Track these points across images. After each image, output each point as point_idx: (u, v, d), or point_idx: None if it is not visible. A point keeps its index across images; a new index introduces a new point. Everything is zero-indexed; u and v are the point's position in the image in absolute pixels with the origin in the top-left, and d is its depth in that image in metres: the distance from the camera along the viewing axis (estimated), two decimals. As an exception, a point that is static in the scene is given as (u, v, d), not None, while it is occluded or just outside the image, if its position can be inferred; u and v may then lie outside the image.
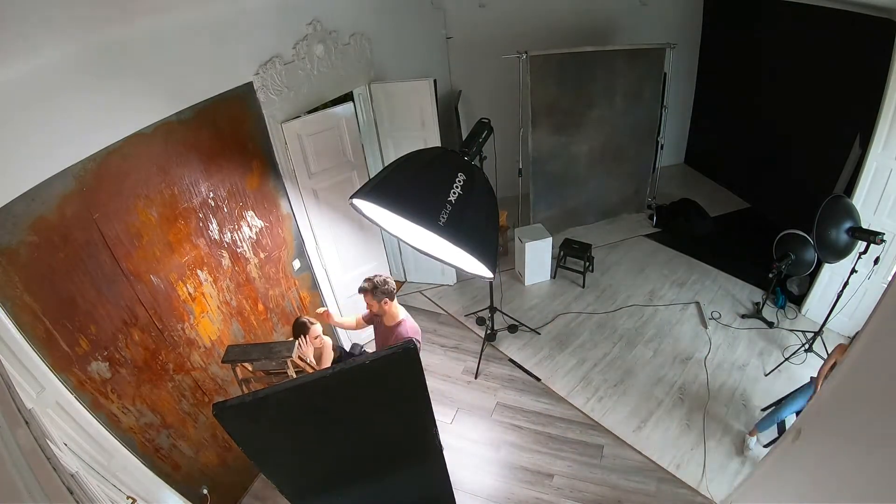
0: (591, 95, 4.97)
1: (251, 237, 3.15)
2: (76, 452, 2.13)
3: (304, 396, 1.56)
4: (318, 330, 2.93)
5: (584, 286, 4.94)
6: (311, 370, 2.65)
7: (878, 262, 3.39)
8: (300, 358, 2.59)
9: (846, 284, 3.54)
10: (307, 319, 2.92)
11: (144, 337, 2.50)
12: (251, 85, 2.94)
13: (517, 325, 4.48)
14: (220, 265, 2.94)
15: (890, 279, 3.46)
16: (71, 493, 1.16)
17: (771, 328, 4.27)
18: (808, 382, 3.07)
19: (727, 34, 5.79)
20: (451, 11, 5.09)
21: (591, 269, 5.06)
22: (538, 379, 4.00)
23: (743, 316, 4.42)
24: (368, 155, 4.02)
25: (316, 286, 3.85)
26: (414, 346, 1.58)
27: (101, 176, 2.21)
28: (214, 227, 2.86)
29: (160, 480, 2.61)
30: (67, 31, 1.86)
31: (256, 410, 1.51)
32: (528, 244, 4.77)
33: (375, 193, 1.48)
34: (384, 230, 1.79)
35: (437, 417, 1.80)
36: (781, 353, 4.01)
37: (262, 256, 3.26)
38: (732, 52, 5.74)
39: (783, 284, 4.48)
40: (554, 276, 5.11)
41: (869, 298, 3.72)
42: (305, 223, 3.59)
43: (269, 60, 2.98)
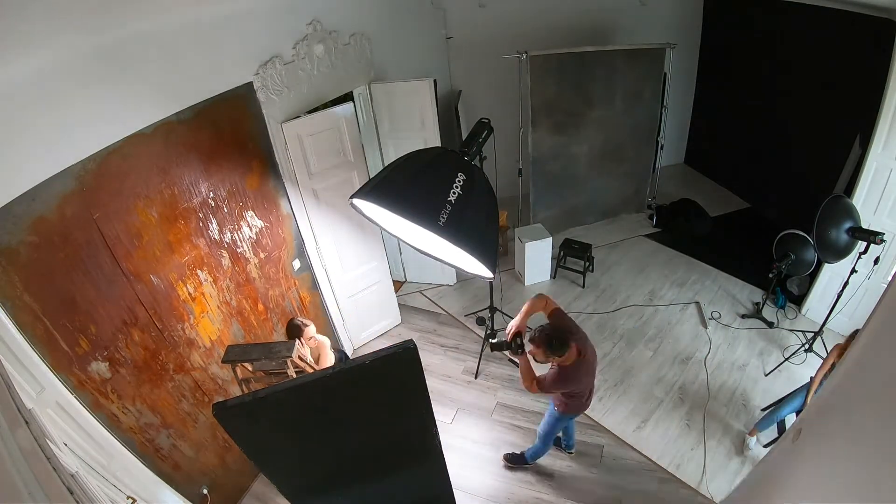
0: (590, 95, 4.97)
1: (251, 237, 3.15)
2: (76, 452, 2.13)
3: (304, 396, 1.55)
4: (311, 331, 2.93)
5: (584, 286, 4.94)
6: (310, 370, 2.65)
7: (878, 262, 3.40)
8: (300, 358, 2.59)
9: (846, 284, 3.55)
10: (301, 321, 2.92)
11: (144, 337, 2.50)
12: (251, 85, 2.94)
13: (517, 325, 4.48)
14: (220, 265, 2.94)
15: (890, 279, 3.46)
16: (71, 493, 1.16)
17: (771, 328, 4.27)
18: (808, 382, 3.07)
19: (727, 34, 5.78)
20: (451, 11, 5.09)
21: (591, 269, 5.06)
22: (538, 379, 4.00)
23: (743, 316, 4.42)
24: (368, 155, 4.02)
25: (316, 286, 3.85)
26: (414, 345, 1.58)
27: (101, 176, 2.21)
28: (214, 227, 2.86)
29: (160, 480, 2.61)
30: (67, 31, 1.86)
31: (256, 410, 1.51)
32: (528, 244, 4.77)
33: (375, 193, 1.48)
34: (384, 230, 1.79)
35: (437, 417, 1.80)
36: (781, 353, 4.01)
37: (262, 256, 3.26)
38: (732, 52, 5.74)
39: (783, 284, 4.48)
40: (554, 276, 5.11)
41: (869, 298, 3.72)
42: (305, 223, 3.59)
43: (269, 60, 2.98)
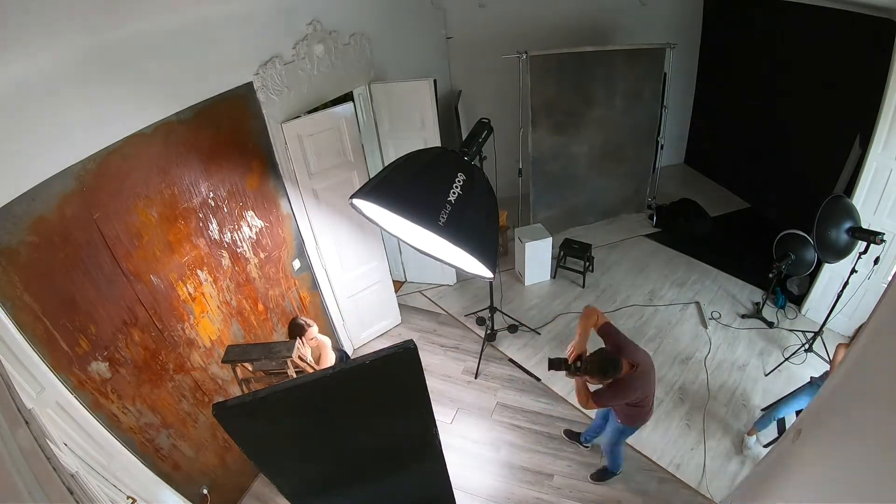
0: (590, 95, 4.97)
1: (251, 237, 3.14)
2: (76, 452, 2.13)
3: (304, 396, 1.55)
4: (314, 331, 2.93)
5: (584, 286, 4.94)
6: (311, 370, 2.65)
7: (878, 262, 3.40)
8: (300, 358, 2.59)
9: (846, 284, 3.55)
10: (304, 320, 2.92)
11: (144, 337, 2.50)
12: (251, 85, 2.94)
13: (517, 325, 4.48)
14: (220, 265, 2.93)
15: (890, 279, 3.46)
16: (71, 493, 1.16)
17: (771, 328, 4.27)
18: (808, 382, 3.07)
19: (727, 34, 5.78)
20: (451, 11, 5.09)
21: (591, 269, 5.06)
22: (538, 379, 4.00)
23: (743, 316, 4.42)
24: (368, 155, 4.02)
25: (316, 286, 3.85)
26: (414, 345, 1.58)
27: (101, 176, 2.21)
28: (214, 227, 2.86)
29: (160, 480, 2.61)
30: (67, 31, 1.86)
31: (256, 410, 1.51)
32: (528, 244, 4.77)
33: (375, 193, 1.48)
34: (384, 230, 1.79)
35: (437, 417, 1.80)
36: (781, 353, 4.01)
37: (262, 256, 3.26)
38: (732, 52, 5.74)
39: (783, 284, 4.48)
40: (554, 276, 5.11)
41: (869, 298, 3.72)
42: (305, 223, 3.59)
43: (269, 60, 2.98)
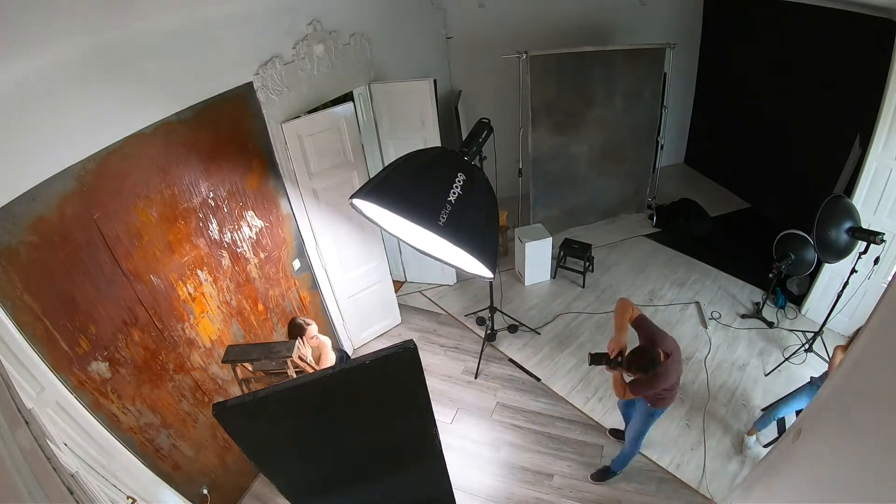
0: (590, 95, 4.97)
1: (251, 237, 3.14)
2: (76, 452, 2.13)
3: (304, 396, 1.55)
4: (313, 330, 2.93)
5: (584, 286, 4.94)
6: (311, 370, 2.65)
7: (878, 262, 3.40)
8: (300, 358, 2.59)
9: (846, 284, 3.54)
10: (303, 320, 2.92)
11: (144, 337, 2.50)
12: (251, 85, 2.94)
13: (517, 325, 4.48)
14: (220, 265, 2.93)
15: (890, 279, 3.46)
16: (71, 493, 1.16)
17: (771, 328, 4.26)
18: (808, 382, 3.07)
19: (727, 34, 5.78)
20: (451, 11, 5.09)
21: (591, 269, 5.06)
22: (538, 379, 4.00)
23: (743, 316, 4.42)
24: (368, 155, 4.02)
25: (316, 286, 3.85)
26: (414, 345, 1.58)
27: (101, 176, 2.21)
28: (214, 227, 2.86)
29: (160, 480, 2.61)
30: (67, 31, 1.86)
31: (256, 410, 1.51)
32: (528, 244, 4.77)
33: (375, 193, 1.48)
34: (384, 230, 1.79)
35: (437, 417, 1.80)
36: (781, 353, 4.01)
37: (262, 256, 3.25)
38: (732, 52, 5.74)
39: (783, 284, 4.48)
40: (554, 276, 5.11)
41: (869, 298, 3.72)
42: (305, 223, 3.59)
43: (269, 60, 2.98)
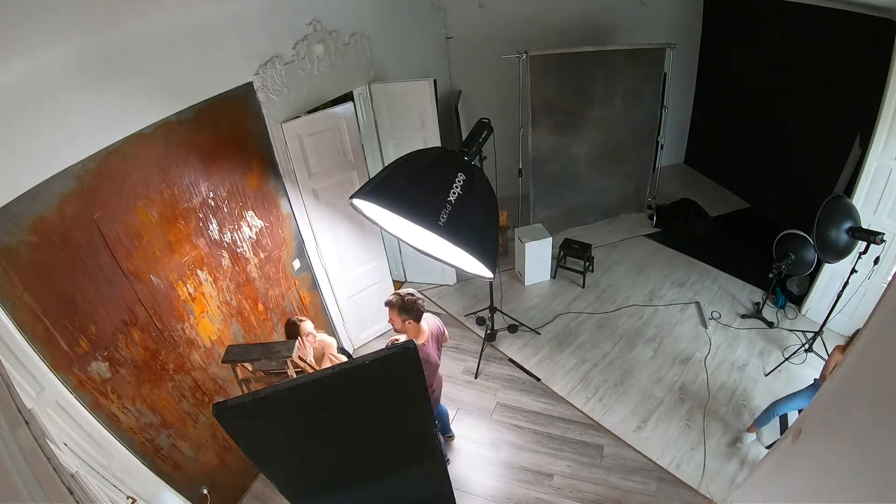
0: (590, 95, 4.97)
1: (251, 237, 3.15)
2: (76, 452, 2.13)
3: (304, 396, 1.55)
4: (308, 327, 2.93)
5: (584, 286, 4.94)
6: (311, 370, 2.65)
7: (878, 262, 3.39)
8: (300, 358, 2.59)
9: (846, 284, 3.54)
10: (297, 318, 2.93)
11: (144, 337, 2.50)
12: (251, 85, 2.94)
13: (517, 325, 4.48)
14: (220, 265, 2.94)
15: (890, 279, 3.46)
16: (71, 493, 1.16)
17: (771, 328, 4.26)
18: (810, 385, 3.07)
19: (727, 34, 5.78)
20: (451, 11, 5.09)
21: (591, 269, 5.06)
22: (538, 379, 4.00)
23: (743, 316, 4.42)
24: (368, 155, 4.02)
25: (316, 286, 3.85)
26: (414, 345, 1.58)
27: (101, 176, 2.21)
28: (214, 227, 2.86)
29: (160, 480, 2.61)
30: (67, 32, 1.86)
31: (256, 410, 1.51)
32: (528, 244, 4.77)
33: (375, 193, 1.48)
34: (384, 230, 1.79)
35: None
36: (781, 353, 4.01)
37: (262, 256, 3.26)
38: (732, 52, 5.74)
39: (783, 284, 4.48)
40: (554, 276, 5.11)
41: (869, 298, 3.72)
42: (305, 223, 3.59)
43: (269, 60, 2.98)
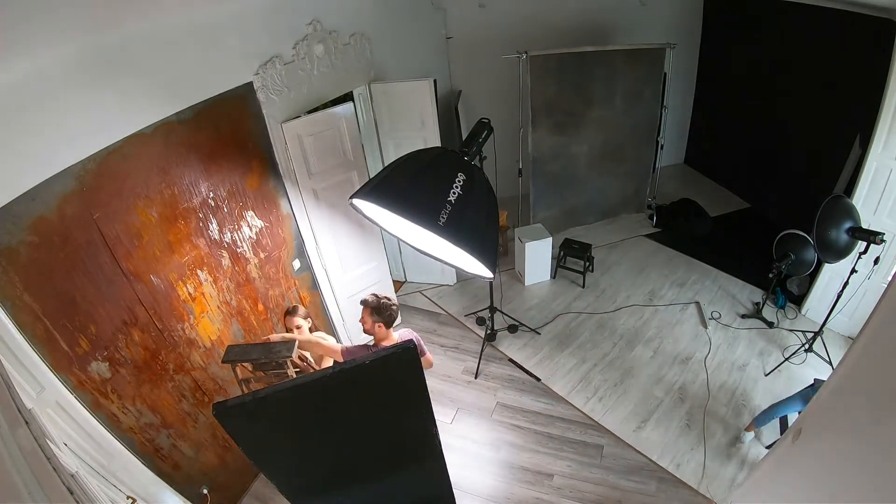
0: (590, 95, 4.97)
1: (251, 237, 3.14)
2: (76, 452, 2.13)
3: (304, 396, 1.55)
4: (300, 315, 2.91)
5: (584, 286, 4.94)
6: (311, 370, 2.65)
7: (878, 262, 3.39)
8: (300, 358, 2.59)
9: (846, 284, 3.54)
10: (289, 305, 2.91)
11: (144, 337, 2.50)
12: (251, 85, 2.94)
13: (517, 325, 4.48)
14: (220, 265, 2.93)
15: (890, 279, 3.45)
16: (71, 493, 1.16)
17: (771, 328, 4.27)
18: (810, 385, 3.07)
19: (727, 34, 5.78)
20: (451, 11, 5.09)
21: (591, 269, 5.06)
22: (538, 379, 4.00)
23: (743, 316, 4.42)
24: (368, 155, 4.02)
25: (316, 286, 3.85)
26: (414, 345, 1.58)
27: (101, 176, 2.21)
28: (214, 227, 2.86)
29: (160, 480, 2.61)
30: (67, 32, 1.86)
31: (256, 410, 1.51)
32: (528, 244, 4.77)
33: (375, 193, 1.48)
34: (384, 230, 1.79)
35: (437, 417, 1.80)
36: (781, 353, 4.01)
37: (262, 256, 3.25)
38: (732, 52, 5.74)
39: (783, 284, 4.48)
40: (554, 276, 5.11)
41: (869, 298, 3.72)
42: (305, 223, 3.59)
43: (269, 60, 2.98)
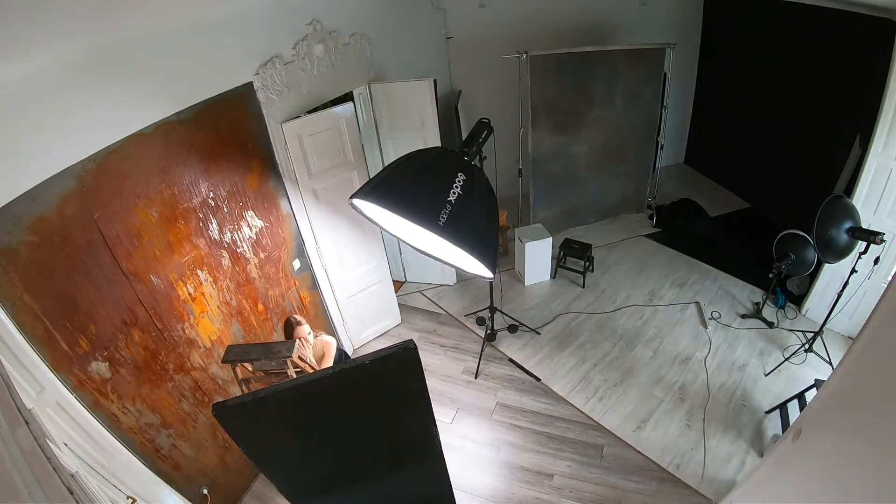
0: (591, 95, 4.97)
1: (251, 237, 3.15)
2: (76, 452, 2.13)
3: (304, 396, 1.55)
4: (304, 330, 2.91)
5: (584, 286, 4.94)
6: (311, 370, 2.65)
7: (878, 262, 3.39)
8: (300, 358, 2.59)
9: (846, 284, 3.54)
10: (293, 318, 2.92)
11: (144, 337, 2.50)
12: (251, 85, 2.94)
13: (517, 325, 4.48)
14: (220, 265, 2.94)
15: (890, 279, 3.45)
16: (71, 493, 1.16)
17: (771, 328, 4.26)
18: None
19: (727, 34, 5.78)
20: (451, 11, 5.09)
21: (591, 269, 5.06)
22: (538, 379, 4.00)
23: (743, 316, 4.42)
24: (368, 155, 4.02)
25: (316, 286, 3.85)
26: (414, 345, 1.58)
27: (101, 176, 2.21)
28: (214, 227, 2.86)
29: (160, 480, 2.61)
30: (67, 32, 1.86)
31: (256, 410, 1.51)
32: (528, 244, 4.77)
33: (375, 193, 1.48)
34: (384, 230, 1.79)
35: (437, 417, 1.80)
36: (781, 353, 4.01)
37: (262, 256, 3.26)
38: (732, 52, 5.74)
39: (783, 284, 4.48)
40: (554, 276, 5.11)
41: (869, 298, 3.72)
42: (305, 223, 3.59)
43: (269, 60, 2.98)
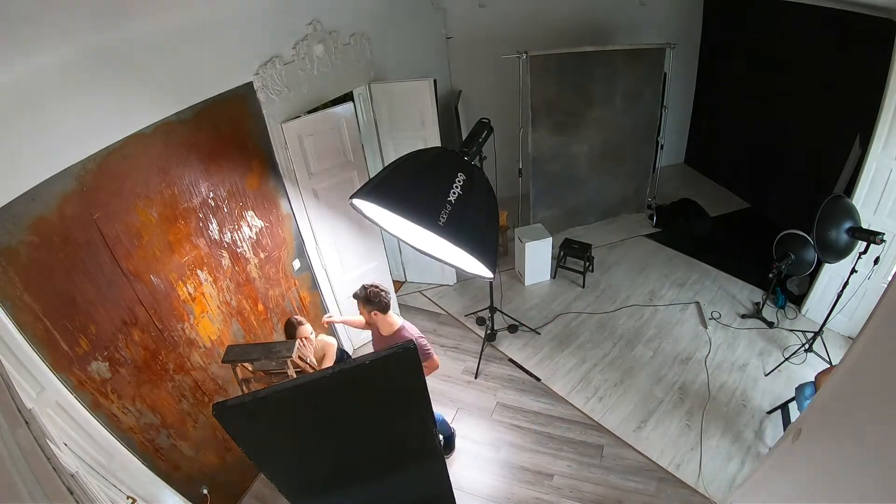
0: (591, 95, 4.97)
1: (251, 237, 3.15)
2: (76, 452, 2.13)
3: (304, 396, 1.56)
4: (306, 330, 2.92)
5: (584, 286, 4.94)
6: (311, 370, 2.65)
7: (878, 262, 3.39)
8: (300, 358, 2.59)
9: (846, 284, 3.54)
10: (295, 319, 2.92)
11: (144, 337, 2.50)
12: (251, 85, 2.94)
13: (517, 325, 4.48)
14: (220, 265, 2.94)
15: (890, 279, 3.45)
16: (71, 493, 1.16)
17: (771, 328, 4.26)
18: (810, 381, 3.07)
19: (727, 34, 5.78)
20: (451, 11, 5.09)
21: (591, 269, 5.06)
22: (538, 379, 4.00)
23: (743, 316, 4.42)
24: (368, 155, 4.02)
25: (316, 286, 3.85)
26: (414, 345, 1.58)
27: (101, 176, 2.21)
28: (214, 227, 2.86)
29: (160, 480, 2.61)
30: (67, 31, 1.86)
31: (256, 410, 1.51)
32: (528, 244, 4.77)
33: (375, 193, 1.48)
34: (384, 230, 1.79)
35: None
36: (781, 353, 4.01)
37: (262, 256, 3.26)
38: (732, 52, 5.74)
39: (783, 284, 4.48)
40: (554, 276, 5.11)
41: (869, 298, 3.72)
42: (305, 223, 3.59)
43: (269, 60, 2.98)
